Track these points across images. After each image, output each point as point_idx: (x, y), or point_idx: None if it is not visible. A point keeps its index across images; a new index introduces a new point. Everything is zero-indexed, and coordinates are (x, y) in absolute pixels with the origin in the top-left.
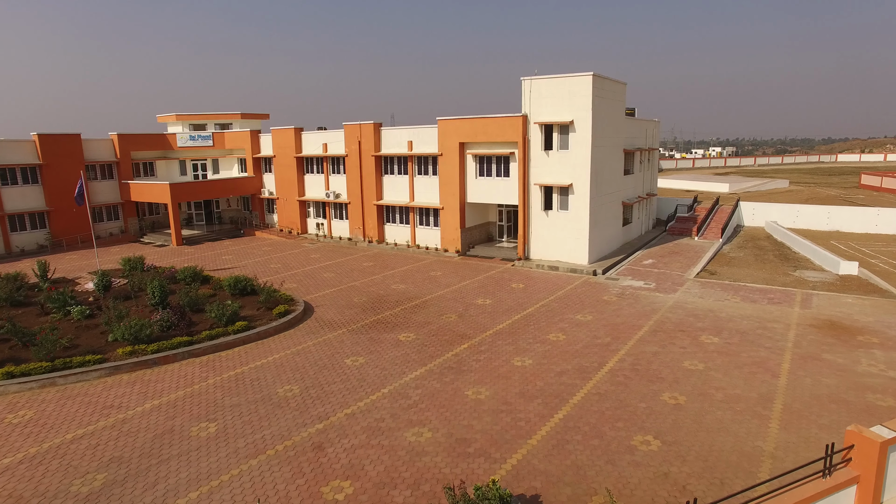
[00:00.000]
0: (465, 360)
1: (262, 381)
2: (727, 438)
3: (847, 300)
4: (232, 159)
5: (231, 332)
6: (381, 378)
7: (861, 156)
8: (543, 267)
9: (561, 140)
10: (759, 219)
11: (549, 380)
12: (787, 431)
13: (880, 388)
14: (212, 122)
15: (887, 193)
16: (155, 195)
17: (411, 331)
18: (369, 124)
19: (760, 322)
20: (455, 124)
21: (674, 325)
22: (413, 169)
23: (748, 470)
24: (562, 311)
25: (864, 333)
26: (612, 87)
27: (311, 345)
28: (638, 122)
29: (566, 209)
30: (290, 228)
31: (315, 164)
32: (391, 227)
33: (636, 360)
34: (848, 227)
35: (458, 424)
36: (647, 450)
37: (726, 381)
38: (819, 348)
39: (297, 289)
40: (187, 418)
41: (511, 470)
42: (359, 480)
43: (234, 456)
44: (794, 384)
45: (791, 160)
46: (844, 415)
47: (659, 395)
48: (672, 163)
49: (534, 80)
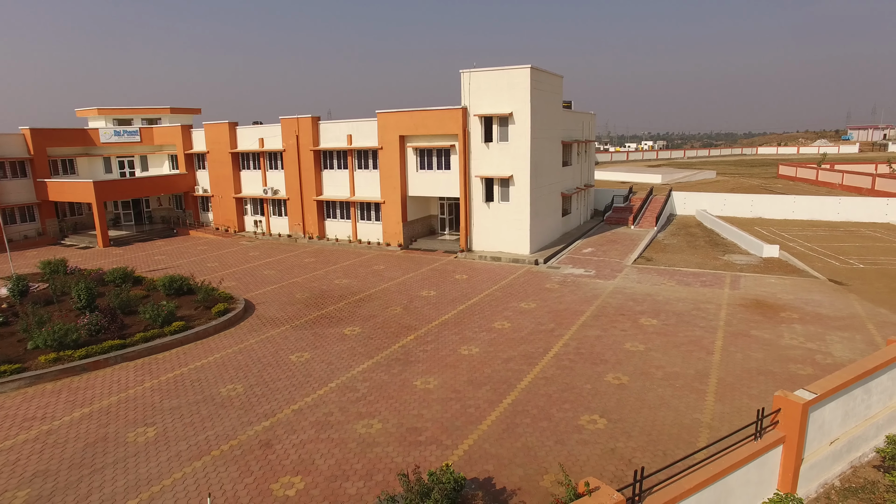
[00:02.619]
0: (412, 352)
1: (204, 381)
2: (668, 413)
3: (770, 280)
4: (162, 156)
5: (168, 332)
6: (328, 372)
7: (778, 149)
8: (486, 258)
9: (501, 132)
10: (690, 208)
11: (497, 367)
12: (721, 403)
13: (800, 359)
14: (138, 117)
15: (801, 182)
16: (77, 194)
17: (356, 324)
18: (307, 118)
19: (695, 303)
20: (395, 117)
21: (614, 309)
22: (353, 163)
23: (688, 440)
24: (506, 299)
25: (785, 310)
26: (549, 79)
27: (253, 342)
28: (575, 114)
29: (507, 200)
30: (227, 226)
31: (251, 159)
32: (332, 222)
33: (580, 344)
34: (769, 213)
35: (408, 414)
36: (594, 428)
37: (665, 360)
38: (748, 325)
39: (236, 287)
40: (122, 424)
41: (463, 455)
42: (310, 475)
43: (175, 459)
44: (726, 359)
45: (717, 153)
46: (771, 384)
47: (603, 376)
48: (607, 156)
49: (473, 72)
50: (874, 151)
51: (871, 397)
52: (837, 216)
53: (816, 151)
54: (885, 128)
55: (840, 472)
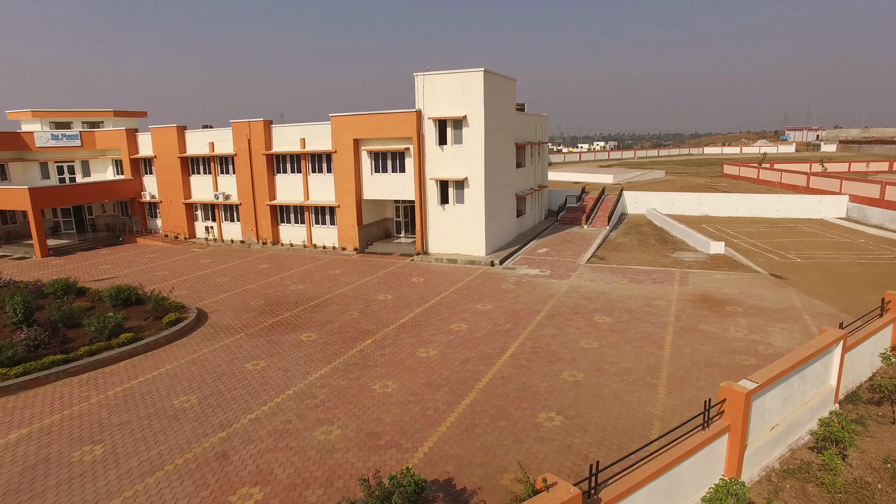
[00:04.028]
0: (369, 356)
1: (155, 394)
2: (622, 408)
3: (717, 276)
4: (105, 161)
5: (115, 345)
6: (285, 380)
7: (722, 149)
8: (442, 260)
9: (455, 135)
10: (640, 207)
11: (455, 368)
12: (672, 396)
13: (745, 350)
14: (78, 120)
15: (744, 181)
16: (10, 201)
17: (313, 330)
18: (259, 122)
19: (646, 300)
20: (349, 121)
21: (569, 308)
22: (307, 167)
23: (641, 433)
24: (462, 301)
25: (731, 304)
26: (502, 82)
27: (207, 352)
28: (528, 116)
29: (462, 203)
30: (177, 233)
31: (201, 164)
32: (286, 227)
33: (536, 344)
34: (715, 211)
35: (367, 419)
36: (552, 425)
37: (619, 356)
38: (696, 320)
39: (188, 295)
40: (66, 443)
41: (423, 458)
42: (269, 485)
43: (126, 477)
44: (676, 353)
45: (666, 153)
46: (718, 376)
47: (559, 374)
48: (560, 156)
49: (427, 76)
50: (808, 151)
51: (806, 384)
52: (777, 213)
53: (758, 151)
54: (817, 129)
55: (780, 455)
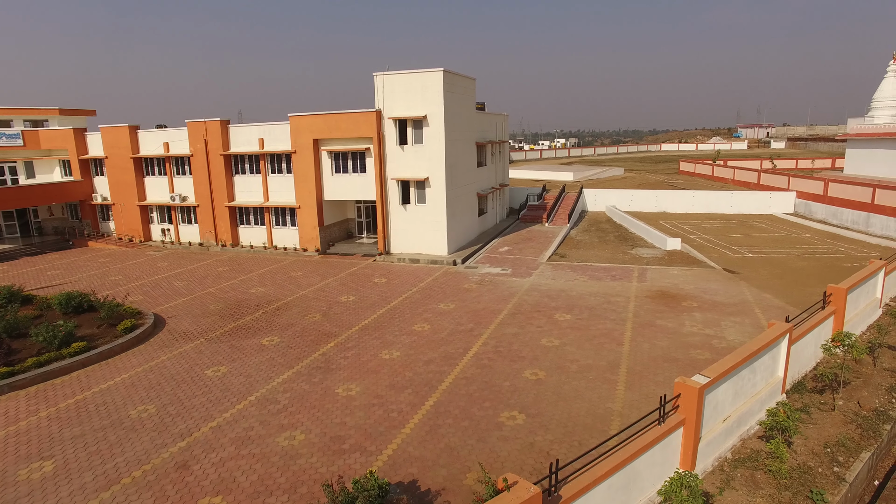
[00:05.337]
0: (332, 359)
1: (111, 404)
2: (583, 405)
3: (673, 272)
4: (51, 161)
5: (66, 355)
6: (247, 385)
7: (679, 145)
8: (405, 260)
9: (415, 134)
10: (600, 204)
11: (418, 369)
12: (631, 391)
13: (700, 345)
14: (20, 119)
15: (700, 178)
16: None
17: (275, 334)
18: (216, 121)
19: (606, 297)
20: (308, 120)
21: (531, 306)
22: (266, 167)
23: (601, 429)
24: (425, 301)
25: (686, 300)
26: (462, 82)
27: (165, 359)
28: (488, 115)
29: (424, 202)
30: (131, 236)
31: (156, 165)
32: (246, 228)
33: (498, 343)
34: (672, 207)
35: (330, 423)
36: (514, 424)
37: (579, 354)
38: (654, 316)
39: (144, 301)
40: (12, 461)
41: (387, 460)
42: (231, 494)
43: (79, 493)
44: (635, 350)
45: (625, 150)
46: (675, 370)
47: (521, 372)
48: (522, 154)
49: (386, 75)
50: (760, 148)
51: (755, 376)
52: (730, 209)
53: (712, 148)
54: (767, 127)
55: (731, 445)
